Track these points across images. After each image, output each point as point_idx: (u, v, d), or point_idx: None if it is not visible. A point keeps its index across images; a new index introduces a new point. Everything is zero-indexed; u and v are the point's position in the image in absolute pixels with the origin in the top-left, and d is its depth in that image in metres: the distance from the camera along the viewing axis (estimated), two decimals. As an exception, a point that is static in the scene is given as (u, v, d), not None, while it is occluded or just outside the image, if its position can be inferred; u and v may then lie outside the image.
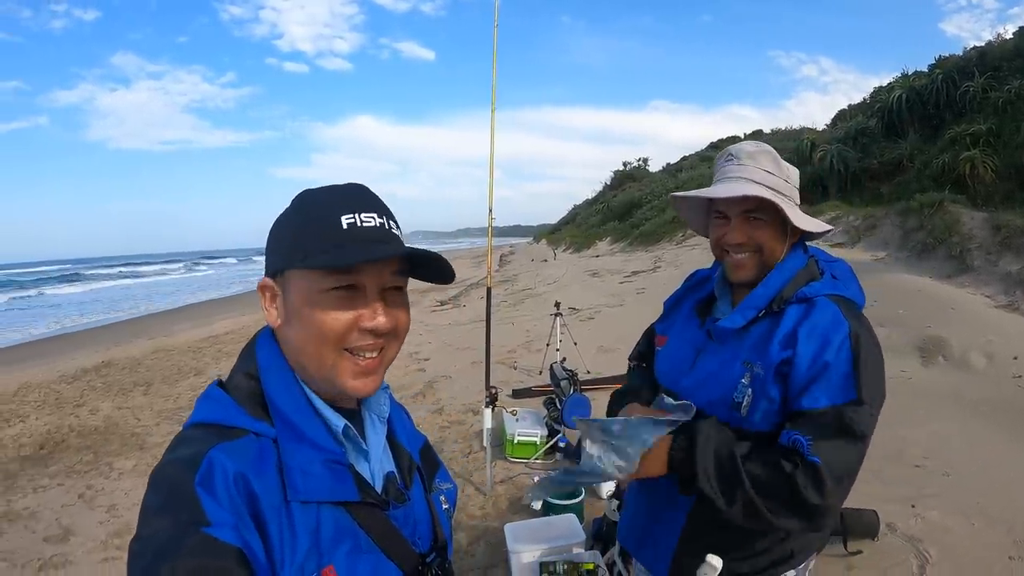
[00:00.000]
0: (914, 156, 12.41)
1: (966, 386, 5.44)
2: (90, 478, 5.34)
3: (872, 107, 15.67)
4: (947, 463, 4.14)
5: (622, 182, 40.13)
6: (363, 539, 0.88)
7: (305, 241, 0.87)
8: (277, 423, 0.87)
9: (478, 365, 4.82)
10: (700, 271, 1.75)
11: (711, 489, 1.29)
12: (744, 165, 1.46)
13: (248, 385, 0.90)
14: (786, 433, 1.30)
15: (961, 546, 3.24)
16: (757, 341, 1.42)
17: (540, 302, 12.47)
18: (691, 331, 1.59)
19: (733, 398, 1.40)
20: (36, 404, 7.90)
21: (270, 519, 0.80)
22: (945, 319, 6.63)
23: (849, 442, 1.27)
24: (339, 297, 0.87)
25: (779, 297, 1.43)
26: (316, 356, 0.88)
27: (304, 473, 0.84)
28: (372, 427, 1.00)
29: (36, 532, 4.40)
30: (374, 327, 0.88)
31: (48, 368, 10.15)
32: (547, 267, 21.94)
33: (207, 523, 0.73)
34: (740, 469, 1.27)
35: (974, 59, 12.92)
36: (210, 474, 0.77)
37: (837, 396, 1.29)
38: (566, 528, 2.94)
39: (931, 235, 8.94)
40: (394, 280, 0.91)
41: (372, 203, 0.91)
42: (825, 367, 1.30)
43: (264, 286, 0.93)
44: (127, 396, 8.03)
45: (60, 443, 6.30)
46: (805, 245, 1.54)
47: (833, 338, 1.32)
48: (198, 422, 0.87)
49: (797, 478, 1.24)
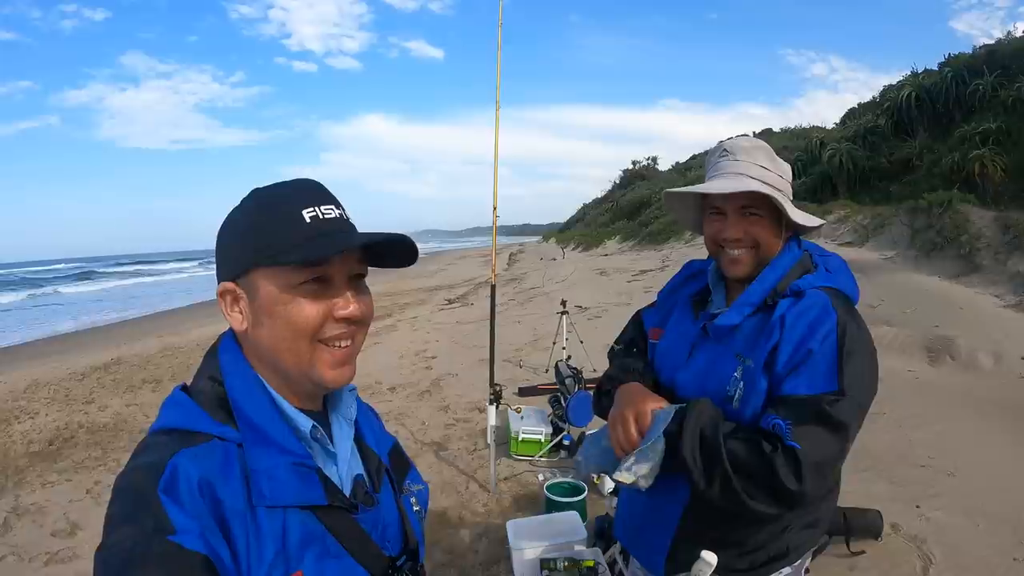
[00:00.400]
0: (923, 155, 12.36)
1: (973, 386, 5.42)
2: (98, 474, 5.37)
3: (881, 106, 15.59)
4: (952, 463, 4.12)
5: (631, 181, 40.04)
6: (331, 543, 0.87)
7: (269, 239, 0.86)
8: (242, 427, 0.86)
9: (485, 363, 4.83)
10: (695, 262, 1.74)
11: (693, 463, 1.30)
12: (739, 161, 1.46)
13: (212, 389, 0.89)
14: (767, 417, 1.30)
15: (965, 547, 3.23)
16: (749, 335, 1.42)
17: (548, 301, 12.46)
18: (686, 325, 1.59)
19: (726, 391, 1.40)
20: (46, 401, 7.94)
21: (235, 525, 0.79)
22: (953, 319, 6.61)
23: (828, 431, 1.27)
24: (311, 290, 0.86)
25: (773, 292, 1.43)
26: (292, 352, 0.88)
27: (270, 477, 0.83)
28: (339, 429, 0.99)
29: (44, 527, 4.43)
30: (348, 315, 0.88)
31: (58, 365, 10.21)
32: (555, 266, 21.91)
33: (172, 531, 0.73)
34: (720, 445, 1.28)
35: (983, 57, 12.86)
36: (174, 481, 0.76)
37: (818, 385, 1.29)
38: (568, 525, 2.94)
39: (940, 234, 8.90)
40: (359, 268, 0.92)
41: (328, 196, 0.92)
42: (808, 355, 1.30)
43: (224, 291, 0.91)
44: (136, 393, 8.06)
45: (69, 439, 6.34)
46: (799, 240, 1.54)
47: (819, 327, 1.32)
48: (162, 428, 0.86)
49: (776, 461, 1.24)
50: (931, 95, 13.09)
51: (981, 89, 11.81)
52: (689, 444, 1.31)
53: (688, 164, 34.98)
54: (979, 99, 11.87)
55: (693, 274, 1.71)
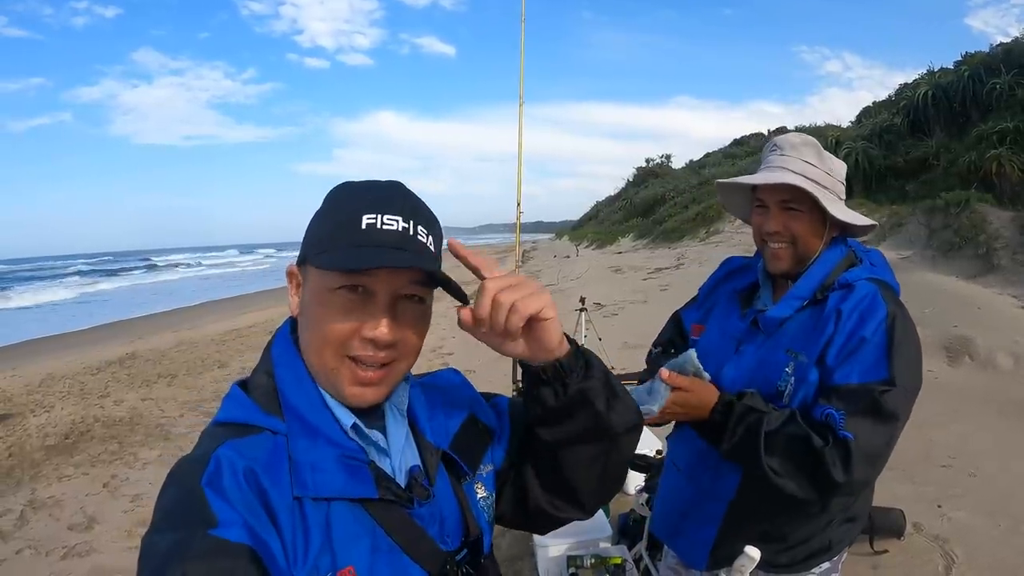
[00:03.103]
0: (940, 154, 12.23)
1: (992, 386, 5.38)
2: (115, 468, 5.41)
3: (897, 104, 15.46)
4: (973, 463, 4.10)
5: (645, 179, 39.86)
6: (382, 538, 0.84)
7: (323, 236, 0.85)
8: (288, 418, 0.84)
9: (501, 360, 4.81)
10: (735, 258, 1.76)
11: (732, 455, 1.35)
12: (786, 156, 1.47)
13: (266, 382, 0.88)
14: (819, 407, 1.32)
15: (987, 547, 3.23)
16: (801, 329, 1.43)
17: (563, 298, 12.42)
18: (732, 320, 1.60)
19: (777, 386, 1.41)
20: (61, 395, 8.01)
21: (282, 515, 0.78)
22: (971, 319, 6.55)
23: (880, 421, 1.28)
24: (346, 299, 0.83)
25: (822, 286, 1.44)
26: (319, 355, 0.85)
27: (315, 469, 0.81)
28: (393, 420, 0.95)
29: (60, 520, 4.46)
30: (374, 337, 0.83)
31: (73, 360, 10.29)
32: (570, 263, 21.87)
33: (215, 524, 0.71)
34: (760, 445, 1.29)
35: (1000, 56, 12.71)
36: (218, 472, 0.76)
37: (869, 373, 1.30)
38: (592, 522, 2.91)
39: (957, 234, 8.83)
40: (412, 289, 0.86)
41: (399, 205, 0.86)
42: (860, 344, 1.32)
43: (291, 272, 0.91)
44: (151, 387, 8.12)
45: (85, 433, 6.39)
46: (846, 240, 1.54)
47: (870, 318, 1.34)
48: (218, 422, 0.86)
49: (826, 454, 1.25)
50: (947, 94, 12.95)
51: (998, 88, 11.67)
52: (729, 436, 1.34)
53: (702, 162, 34.73)
54: (996, 98, 11.74)
55: (735, 270, 1.73)
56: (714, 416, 1.39)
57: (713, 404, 1.40)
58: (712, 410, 1.40)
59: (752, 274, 1.64)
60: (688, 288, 1.97)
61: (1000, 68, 12.01)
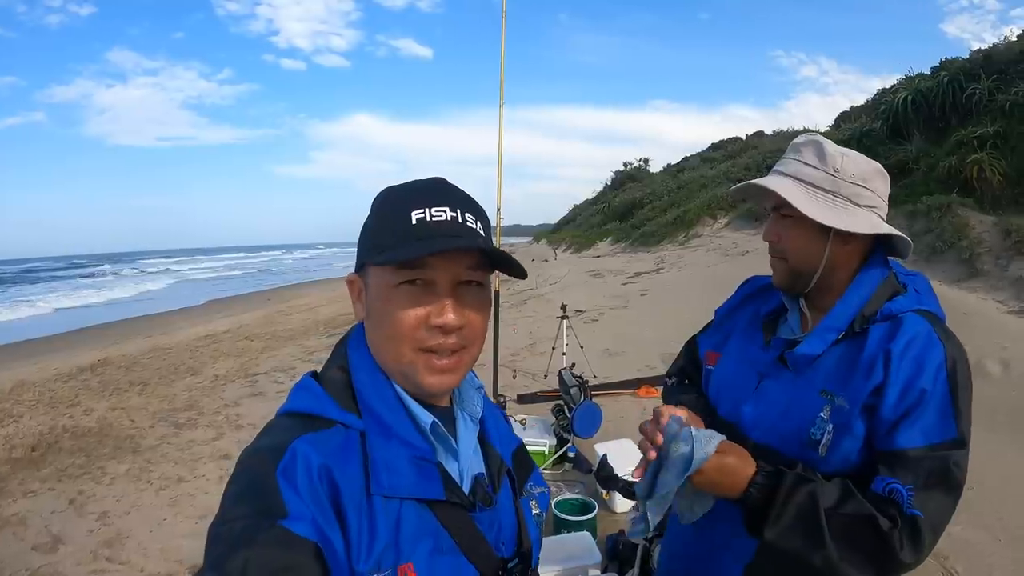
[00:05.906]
0: (920, 159, 12.28)
1: (983, 395, 5.28)
2: (82, 483, 5.19)
3: (876, 109, 15.56)
4: (969, 476, 4.00)
5: (623, 182, 39.93)
6: (444, 539, 0.86)
7: (378, 237, 0.88)
8: (365, 416, 0.87)
9: (482, 368, 4.67)
10: (757, 278, 1.54)
11: (786, 544, 1.11)
12: (787, 158, 1.31)
13: (341, 378, 0.90)
14: (880, 480, 1.12)
15: (987, 562, 3.19)
16: (837, 367, 1.23)
17: (543, 303, 12.31)
18: (753, 350, 1.39)
19: (810, 435, 1.21)
20: (30, 403, 7.74)
21: (350, 511, 0.79)
22: (957, 325, 6.44)
23: (949, 491, 1.11)
24: (409, 292, 0.85)
25: (861, 316, 1.24)
26: (394, 351, 0.87)
27: (389, 468, 0.84)
28: (464, 426, 0.98)
29: (25, 540, 4.25)
30: (442, 323, 0.85)
31: (44, 366, 10.01)
32: (548, 267, 21.75)
33: (284, 515, 0.73)
34: (824, 529, 1.08)
35: (980, 61, 12.81)
36: (293, 464, 0.77)
37: (935, 433, 1.11)
38: (580, 547, 2.78)
39: (940, 238, 8.85)
40: (470, 274, 0.88)
41: (446, 197, 0.89)
42: (921, 397, 1.12)
43: (351, 281, 0.95)
44: (122, 396, 7.87)
45: (52, 445, 6.14)
46: (887, 260, 1.33)
47: (927, 363, 1.14)
48: (289, 411, 0.87)
49: (893, 538, 1.07)
50: (927, 99, 13.01)
51: (978, 93, 11.73)
52: (778, 521, 1.10)
53: (680, 166, 34.77)
54: (976, 103, 11.80)
55: (758, 291, 1.51)
56: (751, 491, 1.13)
57: (751, 476, 1.14)
58: (750, 483, 1.14)
59: (777, 296, 1.43)
60: (669, 293, 1.84)
61: (980, 73, 12.09)
